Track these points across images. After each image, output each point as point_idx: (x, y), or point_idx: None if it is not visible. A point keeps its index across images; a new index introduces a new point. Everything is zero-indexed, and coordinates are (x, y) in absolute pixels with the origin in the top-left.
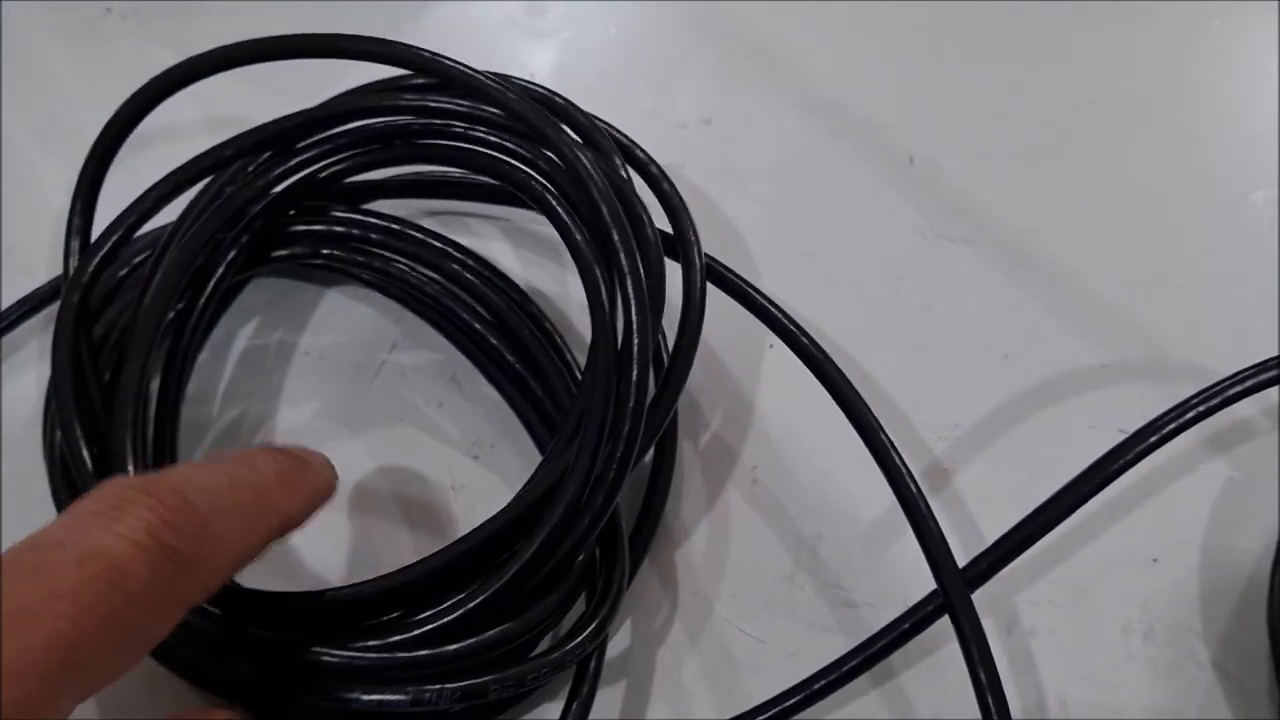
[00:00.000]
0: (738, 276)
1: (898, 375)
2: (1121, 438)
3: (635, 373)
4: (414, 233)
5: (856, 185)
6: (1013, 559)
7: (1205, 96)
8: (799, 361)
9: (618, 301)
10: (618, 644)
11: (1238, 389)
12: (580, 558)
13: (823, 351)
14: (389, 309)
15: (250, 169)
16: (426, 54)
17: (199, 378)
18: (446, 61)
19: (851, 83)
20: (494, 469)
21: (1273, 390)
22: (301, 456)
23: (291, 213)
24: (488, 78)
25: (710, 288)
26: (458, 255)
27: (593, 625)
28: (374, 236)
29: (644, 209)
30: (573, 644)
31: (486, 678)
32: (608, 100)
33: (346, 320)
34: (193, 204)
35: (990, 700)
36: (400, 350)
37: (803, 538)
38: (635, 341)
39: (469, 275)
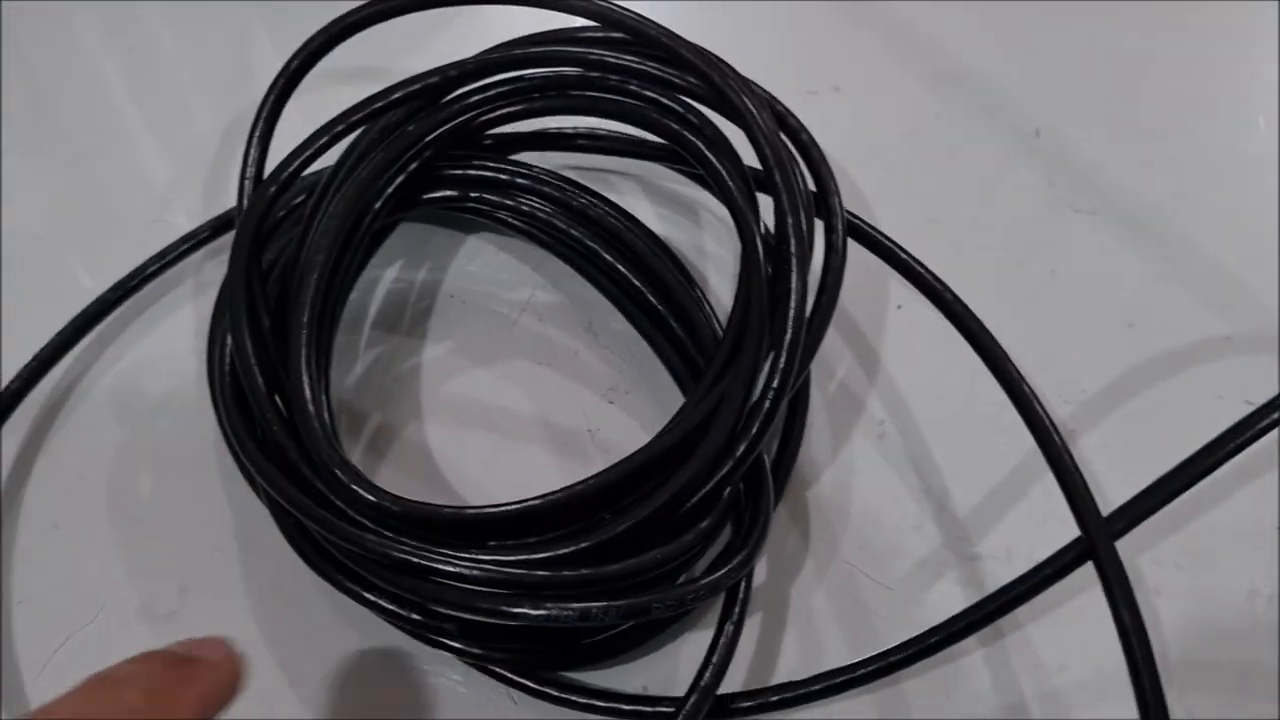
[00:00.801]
0: (878, 231)
1: (1022, 340)
2: (1248, 409)
3: (793, 307)
4: (559, 181)
5: (983, 154)
6: (1154, 513)
7: None
8: (926, 323)
9: (760, 241)
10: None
11: None
12: (730, 488)
13: (964, 305)
14: (527, 256)
15: (415, 113)
16: (601, 3)
17: (348, 314)
18: (621, 11)
19: (979, 53)
20: (629, 413)
21: None
22: (185, 658)
23: (441, 160)
24: (662, 29)
25: (852, 245)
26: (600, 204)
27: (745, 551)
28: (520, 182)
29: (794, 158)
30: (727, 568)
31: (649, 596)
32: (739, 63)
33: (487, 266)
34: (352, 147)
35: (1135, 644)
36: (538, 296)
37: (930, 491)
38: (794, 277)
39: (612, 220)
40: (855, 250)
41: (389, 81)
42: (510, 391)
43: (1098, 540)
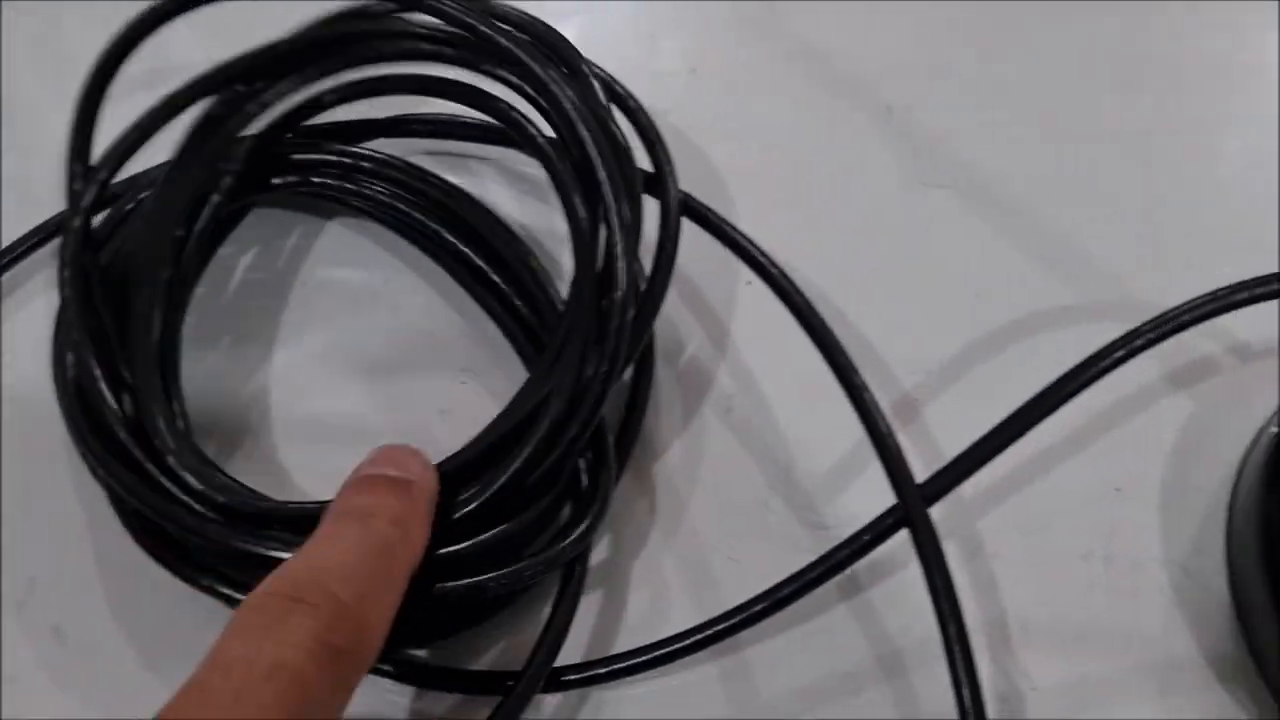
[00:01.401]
0: (712, 212)
1: (872, 313)
2: None
3: (619, 291)
4: (403, 165)
5: (836, 132)
6: (969, 476)
7: (1179, 43)
8: (773, 298)
9: (600, 222)
10: (597, 555)
11: (1186, 317)
12: (569, 466)
13: (787, 277)
14: (381, 241)
15: (241, 96)
16: None
17: (202, 307)
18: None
19: (832, 33)
20: (482, 393)
21: (1235, 328)
22: (403, 481)
23: (286, 142)
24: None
25: (688, 224)
26: (443, 186)
27: (582, 526)
28: (365, 165)
29: (623, 136)
30: (565, 543)
31: (486, 576)
32: (592, 47)
33: (343, 251)
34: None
35: (945, 605)
36: (392, 281)
37: (777, 463)
38: (619, 260)
39: (456, 202)
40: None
41: None
42: (364, 377)
43: (911, 506)
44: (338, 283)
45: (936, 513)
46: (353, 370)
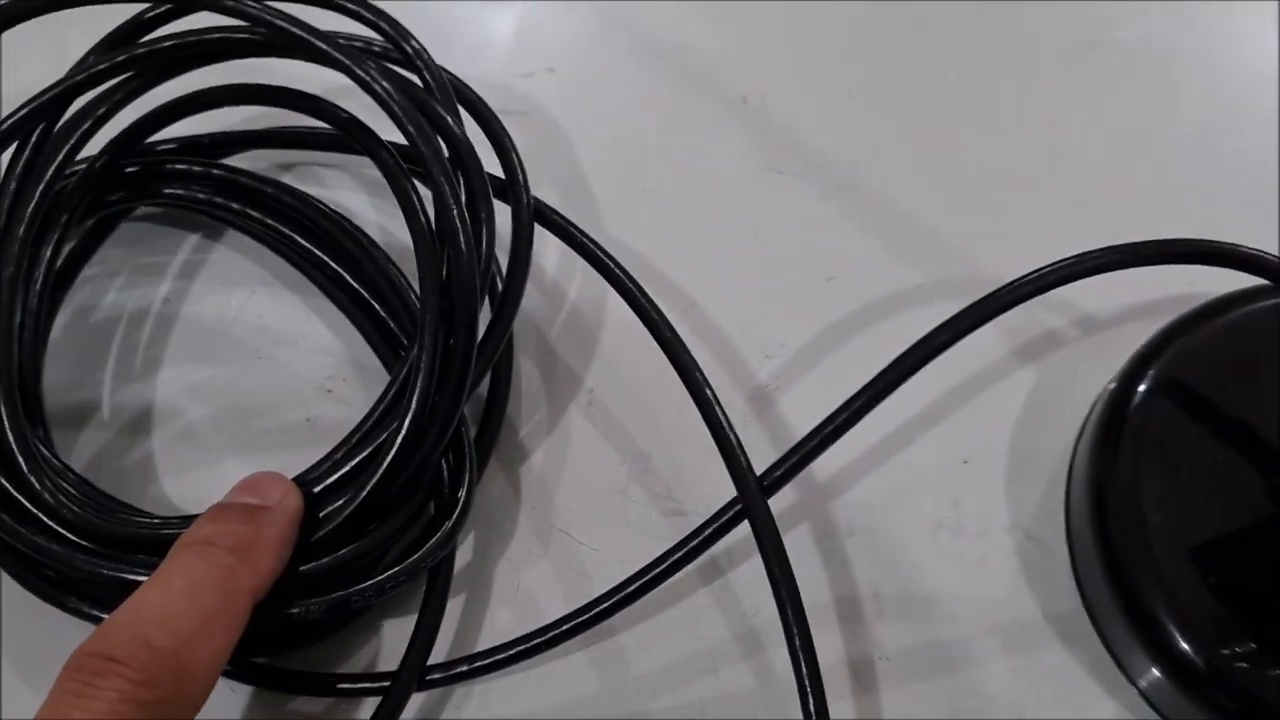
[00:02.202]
0: (562, 217)
1: (727, 300)
2: None
3: (465, 306)
4: (257, 176)
5: (693, 125)
6: (803, 468)
7: (1018, 26)
8: None
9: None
10: (461, 557)
11: (1007, 298)
12: (426, 479)
13: (631, 278)
14: (246, 252)
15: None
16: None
17: (66, 325)
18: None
19: (689, 27)
20: (348, 400)
21: (1079, 301)
22: (255, 506)
23: (139, 157)
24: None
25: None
26: (295, 194)
27: (440, 533)
28: (216, 173)
29: (467, 140)
30: (423, 550)
31: (349, 590)
32: (451, 51)
33: (206, 265)
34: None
35: (784, 592)
36: (258, 292)
37: (638, 453)
38: (462, 275)
39: (309, 209)
40: None
41: None
42: (231, 388)
43: (749, 498)
44: (200, 296)
45: (789, 495)
46: (218, 383)
